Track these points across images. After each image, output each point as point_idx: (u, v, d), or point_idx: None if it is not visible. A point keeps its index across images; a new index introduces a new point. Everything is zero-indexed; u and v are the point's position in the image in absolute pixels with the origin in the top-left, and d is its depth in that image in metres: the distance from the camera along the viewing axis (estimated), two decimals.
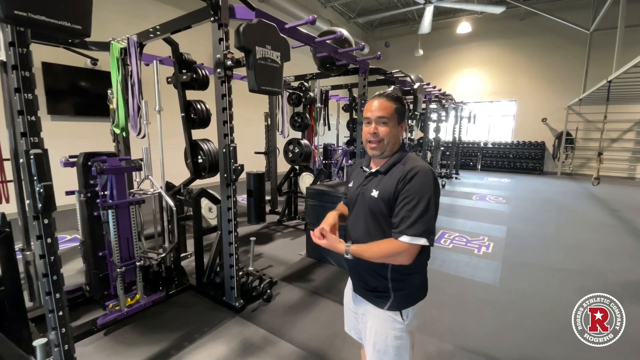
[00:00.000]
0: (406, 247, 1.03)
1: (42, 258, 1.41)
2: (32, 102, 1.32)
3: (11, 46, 1.26)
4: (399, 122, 1.15)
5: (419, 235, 1.01)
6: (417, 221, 1.02)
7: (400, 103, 1.15)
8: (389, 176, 1.14)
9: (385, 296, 1.15)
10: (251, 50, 1.77)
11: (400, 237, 1.04)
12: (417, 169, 1.07)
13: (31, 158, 1.31)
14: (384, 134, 1.13)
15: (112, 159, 2.18)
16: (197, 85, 2.80)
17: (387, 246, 1.06)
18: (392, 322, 1.15)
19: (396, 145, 1.17)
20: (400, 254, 1.04)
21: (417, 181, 1.05)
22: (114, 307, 2.26)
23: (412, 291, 1.16)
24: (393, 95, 1.15)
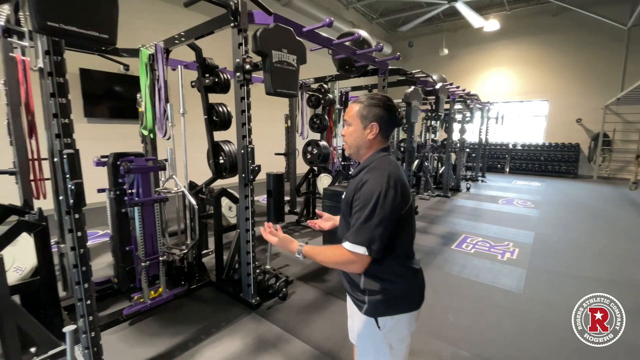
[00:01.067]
0: (351, 255, 1.00)
1: (72, 250, 1.52)
2: (66, 106, 1.43)
3: (47, 54, 1.38)
4: (365, 124, 1.11)
5: (359, 243, 0.99)
6: (360, 229, 0.99)
7: (365, 105, 1.11)
8: (353, 180, 1.15)
9: (362, 300, 1.12)
10: (267, 54, 1.82)
11: (344, 242, 1.03)
12: (369, 177, 1.04)
13: (64, 157, 1.42)
14: (347, 135, 1.16)
15: (139, 159, 2.31)
16: (219, 88, 2.90)
17: (336, 252, 1.04)
18: (370, 328, 1.13)
19: (365, 147, 1.14)
20: (349, 263, 1.02)
21: (366, 188, 1.03)
22: (139, 299, 2.39)
23: (389, 300, 1.09)
24: (363, 98, 1.15)
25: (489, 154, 11.55)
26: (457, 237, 4.36)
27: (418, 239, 4.07)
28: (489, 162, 11.57)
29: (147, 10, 6.06)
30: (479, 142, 9.50)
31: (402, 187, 1.05)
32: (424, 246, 3.97)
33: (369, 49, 3.17)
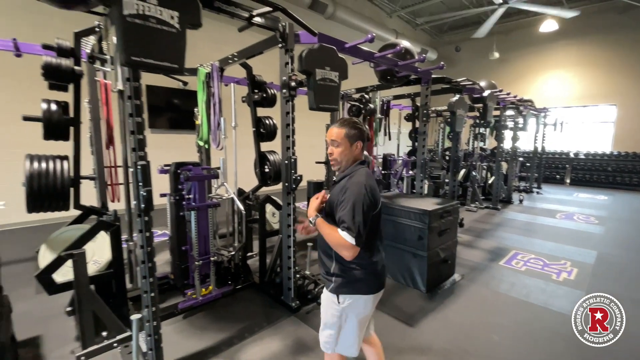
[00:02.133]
0: (344, 243, 1.26)
1: (141, 248, 1.76)
2: (141, 124, 1.68)
3: (127, 81, 1.63)
4: (351, 143, 1.41)
5: (351, 232, 1.26)
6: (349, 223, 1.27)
7: (350, 128, 1.40)
8: (337, 186, 1.42)
9: (329, 280, 1.42)
10: (312, 72, 1.95)
11: (341, 230, 1.29)
12: (350, 185, 1.33)
13: (139, 168, 1.66)
14: (337, 154, 1.42)
15: (196, 168, 2.56)
16: (266, 103, 3.11)
17: (334, 233, 1.30)
18: (332, 303, 1.42)
19: (350, 161, 1.43)
20: (342, 247, 1.28)
21: (348, 193, 1.31)
22: (191, 295, 2.63)
23: (350, 282, 1.38)
24: (344, 122, 1.42)
25: (546, 164, 10.64)
26: (506, 253, 4.12)
27: (462, 253, 3.91)
28: (546, 172, 10.64)
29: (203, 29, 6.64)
30: (534, 151, 8.82)
31: (375, 193, 1.36)
32: (469, 260, 3.81)
33: (412, 60, 3.18)
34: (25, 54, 2.83)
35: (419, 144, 4.01)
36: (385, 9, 10.30)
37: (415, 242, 2.97)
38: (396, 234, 3.13)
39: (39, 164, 1.94)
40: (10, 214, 4.92)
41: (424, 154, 3.97)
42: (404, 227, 3.05)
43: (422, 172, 3.99)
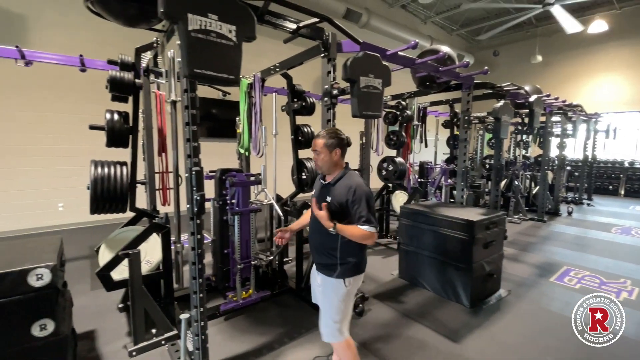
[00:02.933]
0: (369, 234, 1.56)
1: (192, 250, 1.84)
2: (196, 132, 1.77)
3: (185, 92, 1.74)
4: (330, 150, 1.67)
5: (371, 225, 1.56)
6: (368, 216, 1.56)
7: (327, 138, 1.67)
8: (337, 188, 1.66)
9: (334, 268, 1.66)
10: (356, 80, 1.97)
11: (362, 226, 1.55)
12: (355, 186, 1.60)
13: (193, 173, 1.75)
14: (319, 161, 1.71)
15: (240, 174, 2.66)
16: (305, 111, 3.17)
17: (356, 230, 1.56)
18: (339, 287, 1.66)
19: (334, 166, 1.70)
20: (368, 238, 1.58)
21: (359, 192, 1.58)
22: (232, 298, 2.70)
23: (353, 265, 1.66)
24: (324, 133, 1.70)
25: (597, 173, 9.82)
26: (556, 269, 3.83)
27: (507, 267, 3.68)
28: (597, 182, 9.83)
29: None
30: (584, 160, 8.19)
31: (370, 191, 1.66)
32: (515, 275, 3.58)
33: (453, 66, 3.10)
34: (88, 69, 3.11)
35: (460, 151, 3.88)
36: (419, 15, 10.18)
37: (459, 254, 2.85)
38: (437, 244, 3.02)
39: (102, 169, 2.11)
40: (67, 215, 5.37)
41: (465, 161, 3.83)
42: (446, 237, 2.95)
43: (463, 181, 3.84)
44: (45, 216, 5.18)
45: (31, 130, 4.96)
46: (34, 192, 5.07)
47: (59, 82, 5.10)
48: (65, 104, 5.20)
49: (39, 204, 5.12)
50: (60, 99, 5.14)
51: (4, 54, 2.55)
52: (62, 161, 5.26)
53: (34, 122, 4.97)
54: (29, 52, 2.66)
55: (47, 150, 5.12)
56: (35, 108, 4.96)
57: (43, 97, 5.00)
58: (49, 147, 5.13)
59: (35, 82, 4.92)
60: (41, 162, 5.09)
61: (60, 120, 5.18)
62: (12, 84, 4.76)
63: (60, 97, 5.14)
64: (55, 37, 4.96)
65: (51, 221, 5.22)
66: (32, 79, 4.88)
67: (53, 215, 5.26)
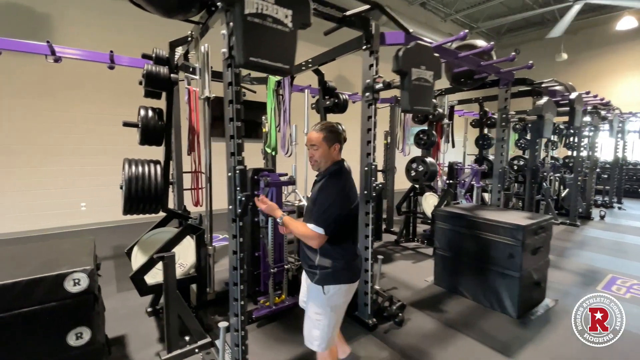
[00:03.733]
0: (313, 233, 1.43)
1: (234, 254, 1.72)
2: (240, 128, 1.65)
3: (229, 85, 1.62)
4: (329, 145, 1.54)
5: (319, 225, 1.43)
6: (320, 217, 1.44)
7: (327, 131, 1.54)
8: (318, 184, 1.57)
9: (314, 272, 1.53)
10: (407, 72, 1.82)
11: (308, 223, 1.47)
12: (327, 184, 1.51)
13: (237, 172, 1.63)
14: (317, 156, 1.56)
15: (273, 174, 2.53)
16: (337, 109, 3.04)
17: (302, 227, 1.49)
18: (318, 293, 1.53)
19: (330, 161, 1.57)
20: (311, 238, 1.45)
21: (326, 192, 1.49)
22: (264, 303, 2.57)
23: (334, 272, 1.50)
24: (322, 127, 1.57)
25: (626, 176, 9.39)
26: (601, 277, 3.58)
27: (549, 275, 3.46)
28: (626, 185, 9.39)
29: None
30: (615, 161, 7.82)
31: (350, 192, 1.54)
32: (558, 284, 3.36)
33: (498, 59, 2.92)
34: (115, 67, 3.04)
35: (497, 151, 3.67)
36: (439, 14, 9.96)
37: (505, 261, 2.66)
38: (480, 250, 2.84)
39: (136, 168, 2.01)
40: (89, 214, 5.37)
41: (502, 162, 3.63)
42: (489, 243, 2.76)
43: (500, 183, 3.64)
44: (68, 216, 5.18)
45: (55, 130, 4.97)
46: (56, 192, 5.08)
47: (84, 81, 5.10)
48: (89, 103, 5.20)
49: (61, 203, 5.13)
50: (84, 98, 5.15)
51: (35, 49, 2.50)
52: (85, 161, 5.25)
53: (59, 122, 4.98)
54: (59, 48, 2.60)
55: (70, 150, 5.12)
56: (60, 108, 4.97)
57: (68, 97, 5.00)
58: (72, 147, 5.13)
59: (61, 82, 4.93)
60: (64, 161, 5.09)
61: (84, 120, 5.18)
62: (38, 84, 4.78)
63: (84, 97, 5.15)
64: (79, 37, 4.96)
65: (73, 221, 5.22)
66: (58, 78, 4.89)
67: (75, 215, 5.26)
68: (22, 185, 4.79)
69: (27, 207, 4.85)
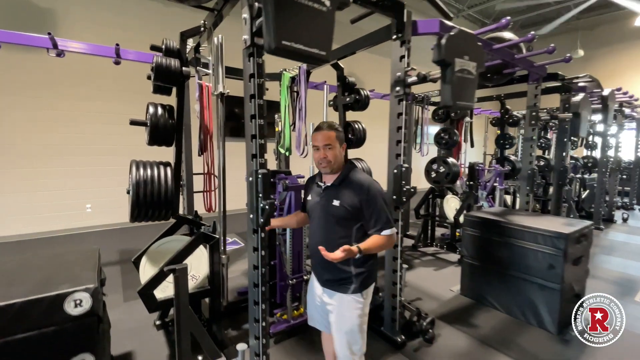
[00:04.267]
0: (391, 237, 1.41)
1: (255, 269, 1.52)
2: (263, 127, 1.45)
3: (251, 77, 1.42)
4: (340, 144, 1.49)
5: (392, 226, 1.42)
6: (387, 219, 1.40)
7: (337, 130, 1.48)
8: (344, 188, 1.46)
9: (349, 282, 1.45)
10: (451, 63, 1.61)
11: (382, 232, 1.39)
12: (368, 183, 1.43)
13: (259, 177, 1.43)
14: (331, 156, 1.46)
15: (291, 177, 2.33)
16: (358, 106, 2.83)
17: (380, 240, 1.39)
18: (355, 303, 1.45)
19: (342, 162, 1.51)
20: (390, 244, 1.43)
21: (372, 191, 1.41)
22: (281, 317, 2.37)
23: (369, 274, 1.47)
24: (332, 125, 1.49)
25: None
26: (637, 286, 3.34)
27: None
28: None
29: None
30: (636, 161, 7.51)
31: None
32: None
33: (537, 51, 2.70)
34: (121, 63, 2.86)
35: (525, 151, 3.44)
36: (451, 9, 9.68)
37: (545, 272, 2.43)
38: (515, 259, 2.61)
39: (144, 171, 1.82)
40: (95, 216, 5.21)
41: (532, 163, 3.39)
42: (526, 252, 2.53)
43: (529, 185, 3.41)
44: (73, 218, 5.03)
45: (57, 130, 4.81)
46: (60, 194, 4.93)
47: (89, 78, 4.94)
48: (94, 101, 5.04)
49: (66, 205, 4.97)
50: (89, 96, 4.99)
51: (35, 42, 2.32)
52: (90, 161, 5.10)
53: (60, 121, 4.82)
54: (61, 40, 2.42)
55: (75, 150, 4.97)
56: (63, 106, 4.82)
57: (70, 95, 4.84)
58: (77, 147, 4.97)
59: (63, 80, 4.77)
60: (68, 161, 4.94)
61: (89, 119, 5.02)
62: (39, 82, 4.62)
63: (89, 95, 4.99)
64: (83, 33, 4.80)
65: (79, 223, 5.07)
66: (60, 76, 4.73)
67: (80, 217, 5.10)
68: (25, 186, 4.64)
69: (30, 208, 4.70)
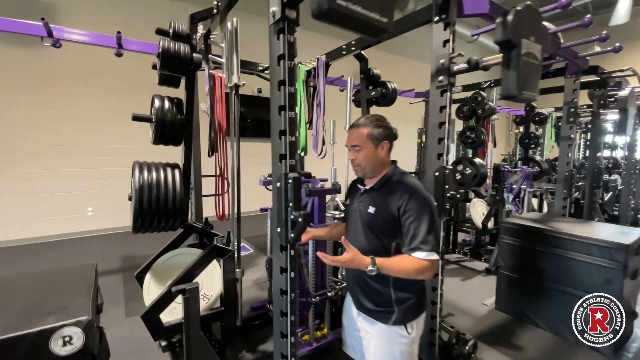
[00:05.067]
0: (428, 263, 1.08)
1: (283, 294, 1.25)
2: (295, 121, 1.18)
3: (280, 60, 1.15)
4: (376, 144, 1.22)
5: (432, 250, 1.09)
6: (427, 238, 1.10)
7: (372, 127, 1.22)
8: (383, 193, 1.21)
9: (390, 311, 1.20)
10: (517, 44, 1.33)
11: (414, 253, 1.10)
12: (411, 190, 1.16)
13: (289, 182, 1.16)
14: (360, 159, 1.24)
15: (313, 180, 2.07)
16: (384, 101, 2.56)
17: (409, 263, 1.10)
18: (398, 337, 1.19)
19: (379, 165, 1.25)
20: (426, 270, 1.09)
21: (416, 202, 1.13)
22: (303, 338, 2.11)
23: (416, 302, 1.21)
24: (368, 121, 1.24)
25: None
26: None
27: None
28: None
29: None
30: None
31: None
32: None
33: (582, 40, 2.41)
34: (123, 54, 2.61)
35: (562, 151, 3.16)
36: None
37: (600, 287, 2.14)
38: (561, 272, 2.33)
39: (150, 174, 1.56)
40: (96, 220, 4.97)
41: (569, 164, 3.11)
42: (577, 264, 2.25)
43: (566, 188, 3.12)
44: (73, 221, 4.80)
45: (57, 130, 4.58)
46: (61, 196, 4.70)
47: (89, 73, 4.71)
48: (95, 99, 4.81)
49: (66, 208, 4.74)
50: (89, 93, 4.76)
51: (28, 30, 2.08)
52: (91, 162, 4.87)
53: (60, 120, 4.59)
54: (57, 29, 2.18)
55: (75, 150, 4.74)
56: (61, 105, 4.58)
57: (69, 93, 4.61)
58: (77, 147, 4.74)
59: (62, 77, 4.54)
60: (68, 163, 4.71)
61: (89, 119, 4.79)
62: (38, 79, 4.39)
63: (89, 92, 4.75)
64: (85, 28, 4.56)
65: (80, 227, 4.84)
66: (59, 73, 4.50)
67: (82, 220, 4.87)
68: (22, 188, 4.42)
69: (29, 212, 4.48)
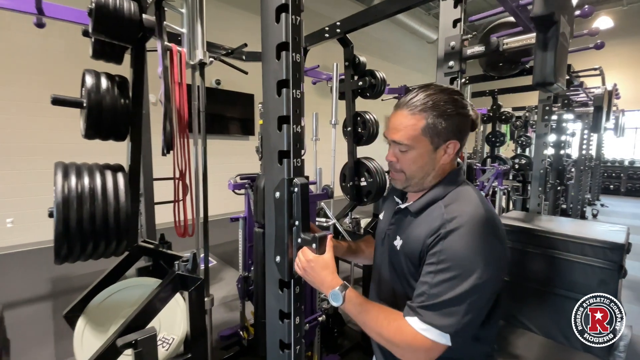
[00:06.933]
0: (422, 339, 0.66)
1: (284, 349, 0.90)
2: (300, 101, 0.84)
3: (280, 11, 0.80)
4: (436, 144, 0.75)
5: (442, 328, 0.65)
6: (446, 306, 0.65)
7: (438, 113, 0.73)
8: (420, 221, 0.77)
9: None
10: (557, 21, 1.12)
11: (409, 316, 0.68)
12: (461, 221, 0.68)
13: (294, 191, 0.82)
14: (404, 164, 0.79)
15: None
16: (372, 92, 2.29)
17: (396, 325, 0.69)
18: None
19: (436, 175, 0.79)
20: (413, 350, 0.67)
21: (458, 244, 0.67)
22: None
23: None
24: (423, 100, 0.74)
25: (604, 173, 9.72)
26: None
27: None
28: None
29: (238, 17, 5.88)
30: (596, 158, 7.93)
31: (505, 243, 0.72)
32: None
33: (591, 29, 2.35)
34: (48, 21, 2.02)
35: (538, 149, 3.17)
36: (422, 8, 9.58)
37: (594, 288, 2.08)
38: (552, 274, 2.25)
39: (79, 180, 1.10)
40: (17, 233, 4.10)
41: (543, 161, 3.13)
42: (569, 264, 2.18)
43: (541, 186, 3.13)
44: None
45: None
46: None
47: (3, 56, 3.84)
48: (9, 87, 3.93)
49: None
50: (6, 81, 3.88)
51: None
52: (12, 163, 3.98)
53: None
54: None
55: None
56: None
57: None
58: None
59: None
60: None
61: (2, 110, 3.91)
62: None
63: (5, 80, 3.88)
64: None
65: None
66: None
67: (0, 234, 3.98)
68: None
69: None
